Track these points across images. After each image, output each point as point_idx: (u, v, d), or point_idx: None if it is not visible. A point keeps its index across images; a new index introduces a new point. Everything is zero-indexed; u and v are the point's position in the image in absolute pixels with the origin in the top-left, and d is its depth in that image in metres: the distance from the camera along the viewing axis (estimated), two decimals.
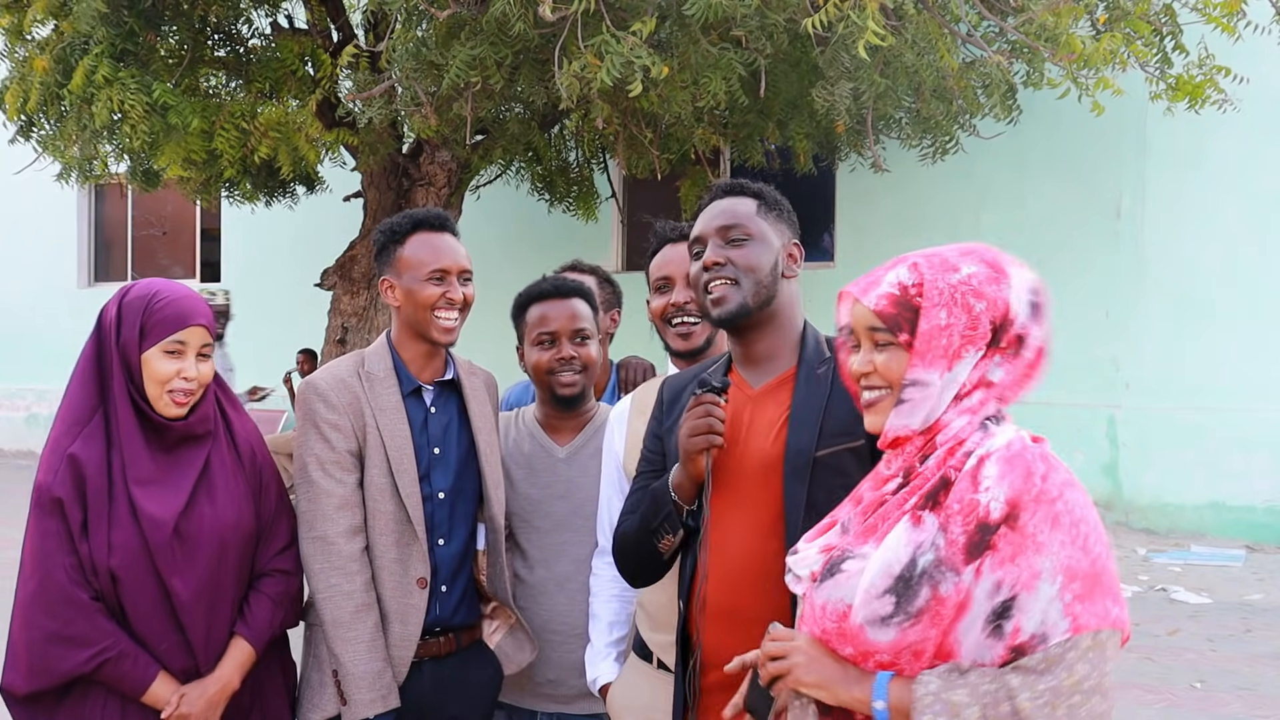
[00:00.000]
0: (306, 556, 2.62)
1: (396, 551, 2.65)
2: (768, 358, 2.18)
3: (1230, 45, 7.77)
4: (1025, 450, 1.67)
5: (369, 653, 2.58)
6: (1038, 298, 1.75)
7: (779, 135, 9.22)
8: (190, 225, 16.04)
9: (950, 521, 1.64)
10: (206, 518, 2.44)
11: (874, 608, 1.64)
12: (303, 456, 2.66)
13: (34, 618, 2.34)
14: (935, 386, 1.71)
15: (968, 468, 1.67)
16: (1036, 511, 1.60)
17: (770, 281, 2.17)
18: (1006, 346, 1.72)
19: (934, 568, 1.61)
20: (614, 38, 6.30)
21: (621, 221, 12.84)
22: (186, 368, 2.43)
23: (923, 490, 1.69)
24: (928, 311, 1.71)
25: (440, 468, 2.73)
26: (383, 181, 10.01)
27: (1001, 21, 7.38)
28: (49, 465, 2.39)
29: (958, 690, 1.56)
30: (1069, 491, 1.63)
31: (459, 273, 2.73)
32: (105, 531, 2.36)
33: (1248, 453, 9.92)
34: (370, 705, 2.57)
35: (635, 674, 2.59)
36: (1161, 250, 10.22)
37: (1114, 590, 1.61)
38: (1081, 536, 1.60)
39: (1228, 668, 6.33)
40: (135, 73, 8.10)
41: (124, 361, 2.43)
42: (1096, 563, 1.59)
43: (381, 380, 2.71)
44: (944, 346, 1.70)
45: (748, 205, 2.22)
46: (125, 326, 2.44)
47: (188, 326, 2.44)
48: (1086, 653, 1.55)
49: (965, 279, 1.72)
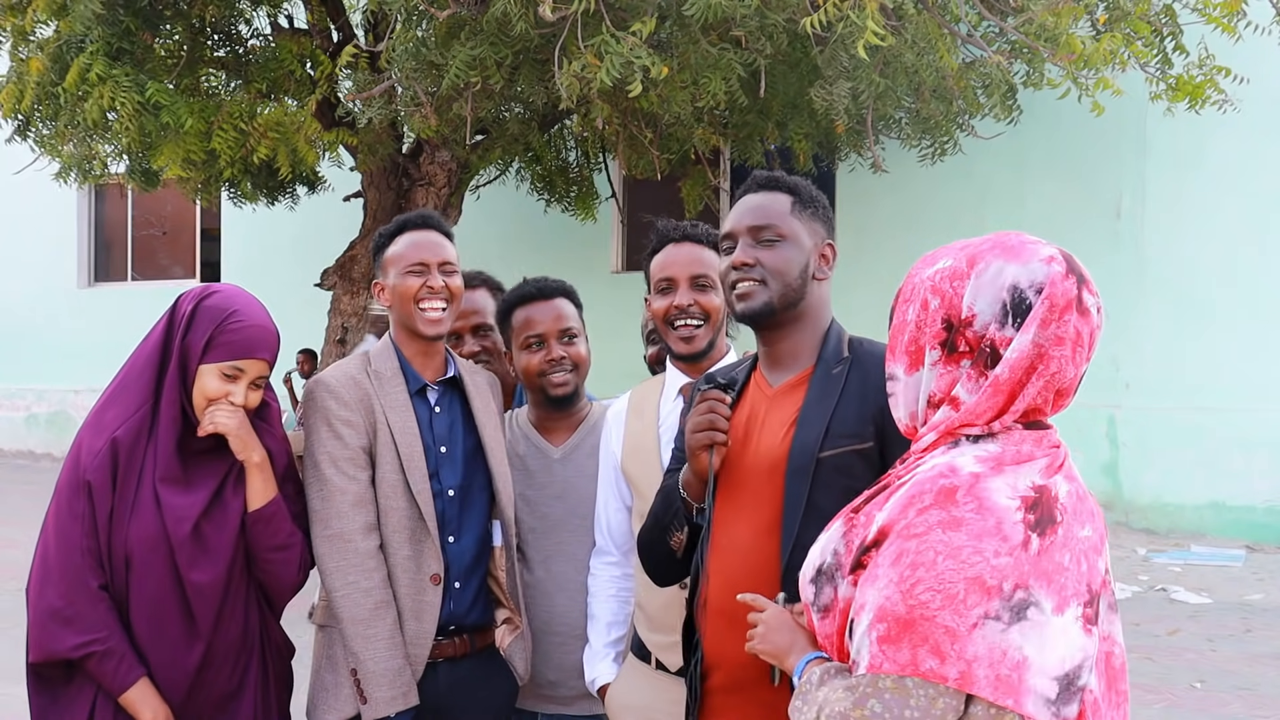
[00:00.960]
0: (321, 555, 2.62)
1: (409, 548, 2.65)
2: (790, 357, 2.15)
3: (1230, 45, 7.77)
4: (935, 479, 1.57)
5: (388, 650, 2.58)
6: (1027, 297, 1.60)
7: (779, 135, 9.23)
8: (190, 225, 16.04)
9: (853, 532, 1.67)
10: (226, 521, 2.46)
11: (806, 591, 1.74)
12: (315, 454, 2.66)
13: (45, 591, 2.39)
14: (902, 382, 1.73)
15: (898, 483, 1.65)
16: (891, 544, 1.56)
17: (799, 284, 2.12)
18: (968, 351, 1.63)
19: (834, 570, 1.68)
20: (614, 38, 6.30)
21: (621, 221, 12.85)
22: (235, 393, 2.45)
23: (867, 494, 1.72)
24: (898, 306, 1.74)
25: (448, 465, 2.73)
26: (383, 181, 10.02)
27: (1001, 21, 7.38)
28: (90, 446, 2.41)
29: (823, 688, 1.61)
30: (938, 533, 1.52)
31: (439, 264, 2.74)
32: (127, 520, 2.39)
33: (1248, 453, 9.92)
34: (391, 703, 2.57)
35: (634, 674, 2.59)
36: (1161, 250, 10.22)
37: (935, 643, 1.49)
38: (911, 581, 1.51)
39: (1228, 668, 6.33)
40: (129, 71, 8.10)
41: (182, 363, 2.45)
42: (914, 610, 1.50)
43: (389, 379, 2.72)
44: (904, 342, 1.71)
45: (782, 203, 2.16)
46: (194, 331, 2.44)
47: (251, 358, 2.45)
48: (883, 692, 1.51)
49: (932, 274, 1.69)
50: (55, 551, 2.39)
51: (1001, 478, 1.57)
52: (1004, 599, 1.50)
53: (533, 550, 2.88)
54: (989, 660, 1.49)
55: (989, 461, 1.59)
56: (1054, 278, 1.60)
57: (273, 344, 2.50)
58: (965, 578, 1.50)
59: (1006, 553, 1.51)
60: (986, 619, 1.49)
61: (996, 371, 1.61)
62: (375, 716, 2.57)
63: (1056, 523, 1.55)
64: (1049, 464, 1.61)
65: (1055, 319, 1.59)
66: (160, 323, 2.51)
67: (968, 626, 1.49)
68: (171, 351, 2.46)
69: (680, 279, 2.61)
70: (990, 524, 1.52)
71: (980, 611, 1.49)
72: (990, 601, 1.49)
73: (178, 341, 2.45)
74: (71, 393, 15.76)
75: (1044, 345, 1.59)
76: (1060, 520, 1.56)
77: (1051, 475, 1.60)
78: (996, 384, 1.61)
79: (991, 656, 1.49)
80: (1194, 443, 10.06)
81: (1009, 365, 1.60)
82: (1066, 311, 1.59)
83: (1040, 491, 1.57)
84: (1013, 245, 1.65)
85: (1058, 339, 1.59)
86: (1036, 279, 1.61)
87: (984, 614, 1.49)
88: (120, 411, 2.44)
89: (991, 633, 1.49)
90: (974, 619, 1.49)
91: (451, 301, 2.75)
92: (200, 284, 2.50)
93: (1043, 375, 1.60)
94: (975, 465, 1.58)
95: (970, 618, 1.49)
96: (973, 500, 1.54)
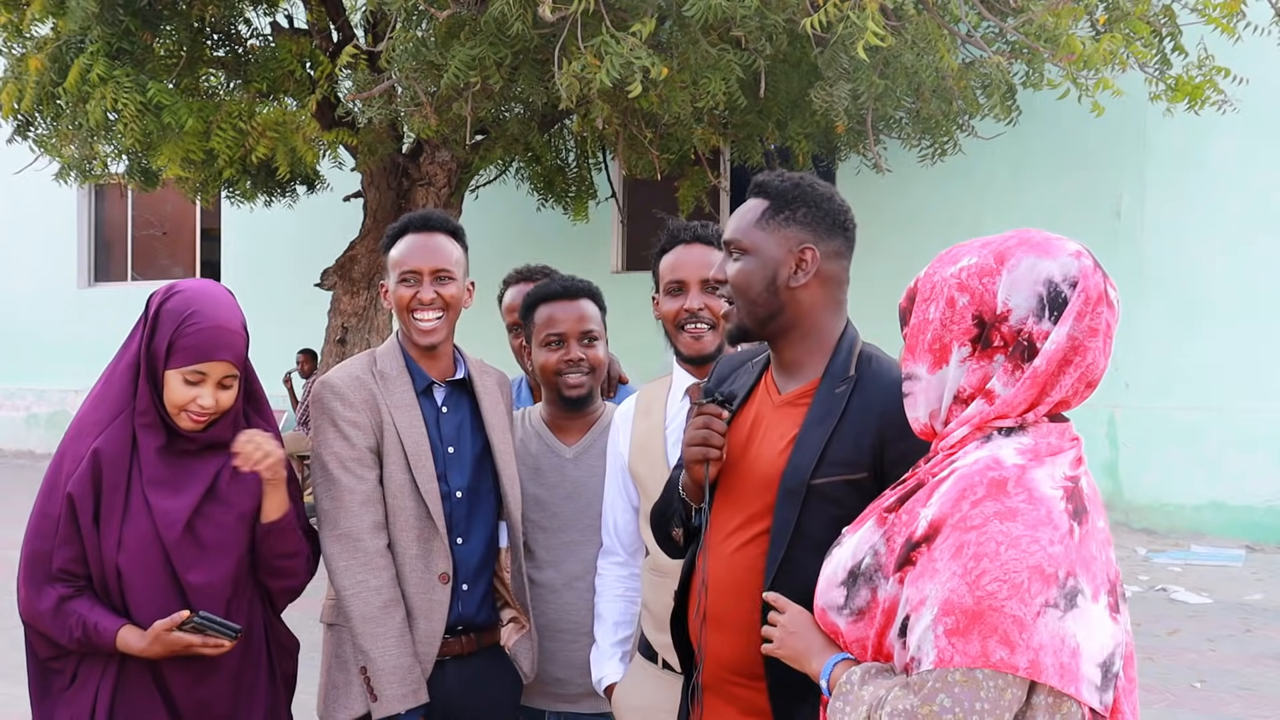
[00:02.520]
0: (330, 555, 2.62)
1: (418, 548, 2.66)
2: (795, 365, 2.11)
3: (1230, 46, 7.77)
4: (984, 471, 1.58)
5: (398, 647, 2.59)
6: (1062, 291, 1.62)
7: (778, 135, 9.23)
8: (190, 225, 16.03)
9: (895, 530, 1.66)
10: (224, 521, 2.45)
11: (831, 595, 1.72)
12: (322, 455, 2.66)
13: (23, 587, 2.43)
14: (924, 380, 1.72)
15: (936, 479, 1.65)
16: (948, 537, 1.56)
17: (766, 298, 2.07)
18: (1003, 345, 1.64)
19: (874, 571, 1.66)
20: (614, 38, 6.31)
21: (621, 221, 12.84)
22: (202, 396, 2.39)
23: (898, 492, 1.71)
24: (918, 305, 1.73)
25: (455, 467, 2.73)
26: (382, 181, 10.02)
27: (1001, 22, 7.38)
28: (74, 454, 2.40)
29: (868, 687, 1.61)
30: (996, 524, 1.53)
31: (432, 272, 2.70)
32: (117, 527, 2.37)
33: (1248, 453, 9.91)
34: (401, 700, 2.57)
35: (640, 674, 2.59)
36: (1161, 250, 10.22)
37: (1004, 633, 1.50)
38: (977, 572, 1.51)
39: (1228, 668, 6.33)
40: (130, 71, 8.10)
41: (150, 368, 2.41)
42: (983, 601, 1.50)
43: (395, 379, 2.72)
44: (926, 341, 1.70)
45: (753, 213, 2.11)
46: (158, 336, 2.40)
47: (211, 361, 2.39)
48: (952, 686, 1.50)
49: (958, 271, 1.68)
50: (28, 553, 2.41)
51: (1042, 469, 1.60)
52: (1059, 586, 1.52)
53: (542, 549, 2.88)
54: (1053, 648, 1.51)
55: (1027, 453, 1.61)
56: (1085, 270, 1.64)
57: (234, 343, 2.42)
58: (1028, 566, 1.51)
59: (1059, 540, 1.53)
60: (1048, 607, 1.51)
61: (1035, 363, 1.62)
62: (386, 714, 2.57)
63: (1087, 513, 1.59)
64: (1075, 456, 1.64)
65: (1089, 311, 1.63)
66: (137, 325, 2.47)
67: (1033, 615, 1.51)
68: (141, 357, 2.42)
69: (691, 282, 2.60)
70: (1043, 513, 1.55)
71: (1042, 600, 1.51)
72: (1050, 589, 1.51)
73: (146, 346, 2.41)
74: (71, 393, 15.74)
75: (1079, 337, 1.63)
76: (1089, 511, 1.60)
77: (1078, 468, 1.63)
78: (1034, 376, 1.63)
79: (1054, 644, 1.51)
80: (1194, 443, 10.06)
81: (1046, 357, 1.62)
82: (1099, 304, 1.64)
83: (1073, 481, 1.60)
84: (1039, 241, 1.68)
85: (1091, 330, 1.63)
86: (1070, 273, 1.64)
87: (1045, 602, 1.51)
88: (102, 418, 2.42)
89: (1052, 620, 1.51)
90: (1037, 607, 1.51)
91: (446, 310, 2.72)
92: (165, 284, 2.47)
93: (1079, 367, 1.64)
94: (1017, 457, 1.60)
95: (1034, 606, 1.51)
96: (1023, 490, 1.56)
